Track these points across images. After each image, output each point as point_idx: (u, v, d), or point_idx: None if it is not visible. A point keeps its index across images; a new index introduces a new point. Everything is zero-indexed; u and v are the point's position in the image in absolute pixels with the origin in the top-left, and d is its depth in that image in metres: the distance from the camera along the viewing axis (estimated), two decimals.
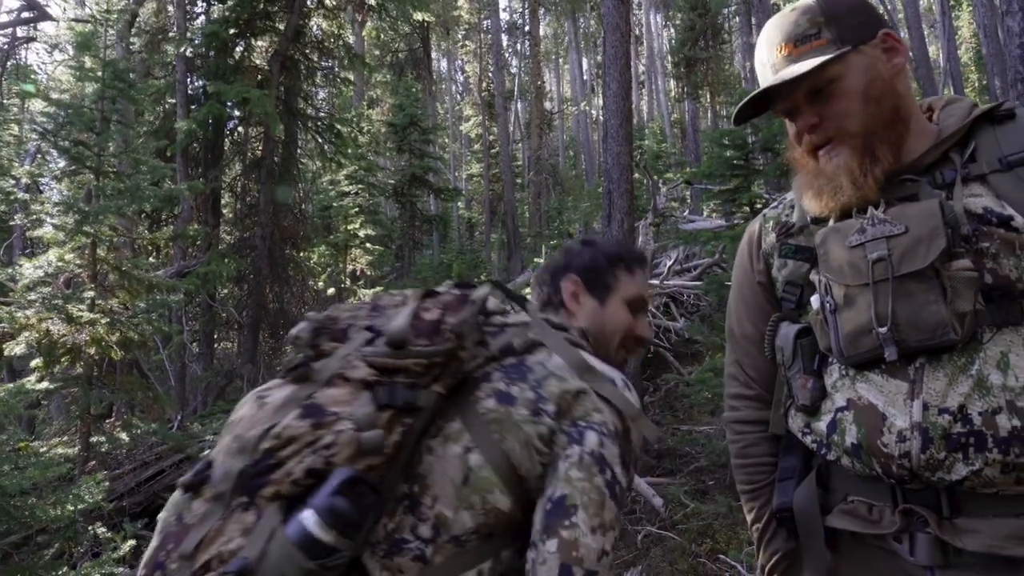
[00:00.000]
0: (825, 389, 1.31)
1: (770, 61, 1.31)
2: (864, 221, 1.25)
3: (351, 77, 13.50)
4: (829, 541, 1.34)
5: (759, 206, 5.54)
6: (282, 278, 11.25)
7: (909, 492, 1.21)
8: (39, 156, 12.63)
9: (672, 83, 21.21)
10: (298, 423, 1.03)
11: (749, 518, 1.52)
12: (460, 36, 30.08)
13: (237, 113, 10.67)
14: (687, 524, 4.68)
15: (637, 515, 5.01)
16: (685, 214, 14.58)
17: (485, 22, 26.31)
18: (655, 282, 9.65)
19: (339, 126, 11.73)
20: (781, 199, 1.54)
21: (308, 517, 0.95)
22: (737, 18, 20.39)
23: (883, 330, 1.17)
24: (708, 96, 18.18)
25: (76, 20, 10.55)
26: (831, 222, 1.33)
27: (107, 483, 4.40)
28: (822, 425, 1.30)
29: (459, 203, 26.46)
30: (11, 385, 5.87)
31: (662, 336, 8.67)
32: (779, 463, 1.44)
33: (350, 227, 11.91)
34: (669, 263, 10.35)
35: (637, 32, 28.66)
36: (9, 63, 13.64)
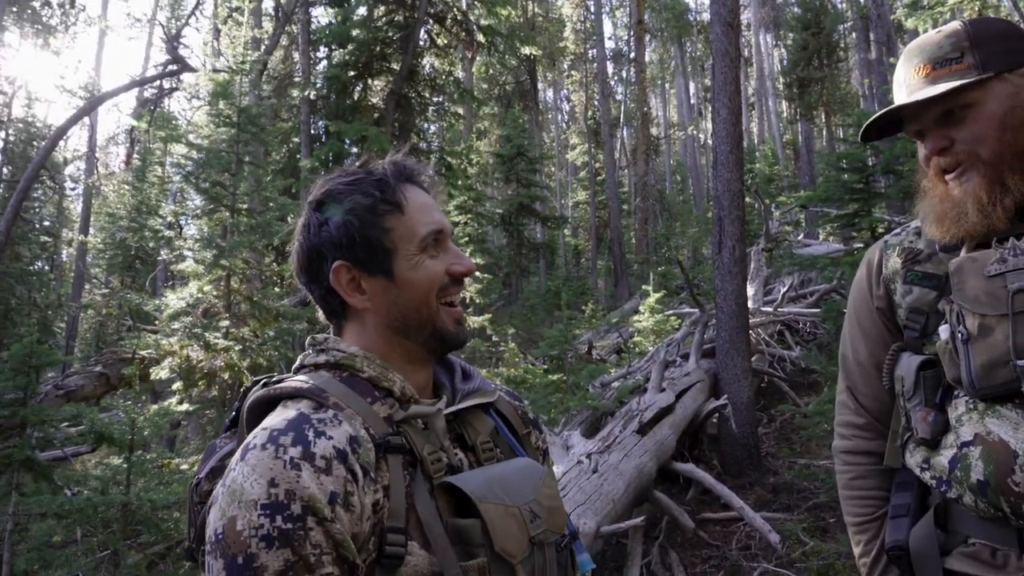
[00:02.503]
0: (948, 423, 1.26)
1: (907, 80, 1.30)
2: (1004, 251, 1.22)
3: (460, 111, 13.96)
4: None
5: (880, 231, 5.29)
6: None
7: None
8: (179, 196, 13.79)
9: (784, 104, 20.61)
10: None
11: (857, 551, 1.48)
12: (566, 66, 30.48)
13: (354, 150, 11.26)
14: (806, 563, 4.47)
15: (752, 551, 4.83)
16: (799, 238, 14.05)
17: (591, 51, 26.56)
18: (768, 310, 9.34)
19: (449, 158, 12.15)
20: (904, 226, 1.50)
21: None
22: (853, 35, 19.61)
23: (1021, 363, 1.13)
24: (823, 116, 17.51)
25: (215, 71, 11.53)
26: (963, 251, 1.29)
27: None
28: (943, 460, 1.25)
29: (565, 231, 26.62)
30: (156, 407, 6.42)
31: (776, 365, 8.36)
32: (892, 499, 1.40)
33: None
34: (783, 289, 9.99)
35: (746, 53, 28.08)
36: (156, 111, 15.03)
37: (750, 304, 8.25)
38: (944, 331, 1.27)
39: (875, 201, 5.45)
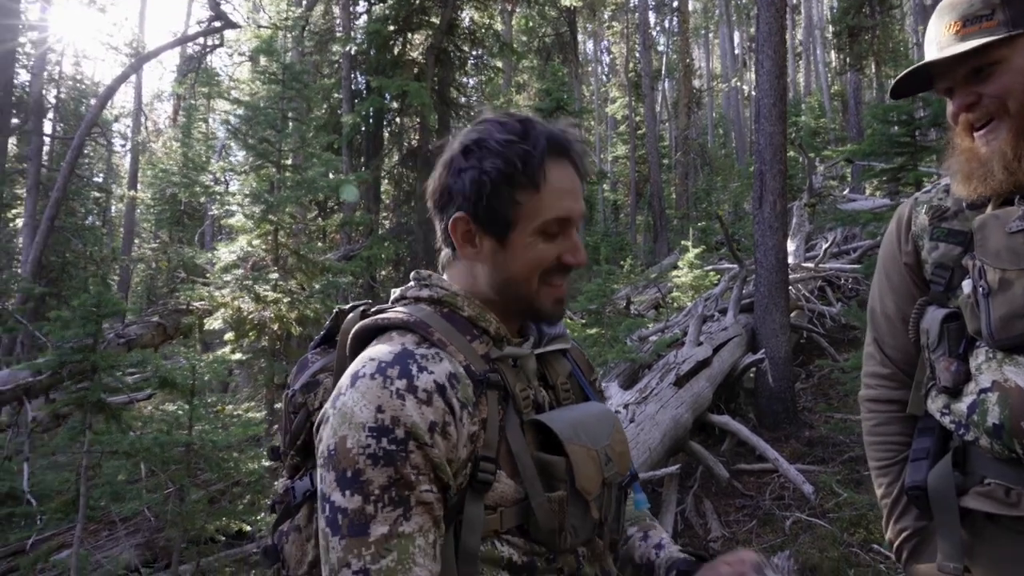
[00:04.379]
0: (969, 372, 1.33)
1: (936, 38, 1.33)
2: None
3: (500, 65, 13.85)
4: (963, 522, 1.36)
5: (927, 186, 5.16)
6: (436, 261, 11.83)
7: None
8: (224, 152, 14.04)
9: (832, 54, 19.92)
10: None
11: (879, 492, 1.55)
12: (606, 16, 29.81)
13: (395, 105, 11.31)
14: (838, 513, 4.57)
15: (786, 501, 4.95)
16: (844, 193, 13.73)
17: (632, 1, 25.92)
18: (808, 265, 9.26)
19: None
20: (936, 183, 1.54)
21: None
22: None
23: None
24: (873, 67, 16.90)
25: (258, 27, 11.62)
26: (989, 208, 1.34)
27: None
28: (963, 406, 1.32)
29: (604, 185, 26.39)
30: (211, 356, 6.72)
31: (816, 321, 8.34)
32: (913, 444, 1.47)
33: None
34: (826, 245, 9.87)
35: (794, 1, 27.08)
36: (200, 69, 15.21)
37: (790, 260, 8.20)
38: (967, 285, 1.32)
39: (922, 155, 5.34)
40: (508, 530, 1.02)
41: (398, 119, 12.08)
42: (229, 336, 7.36)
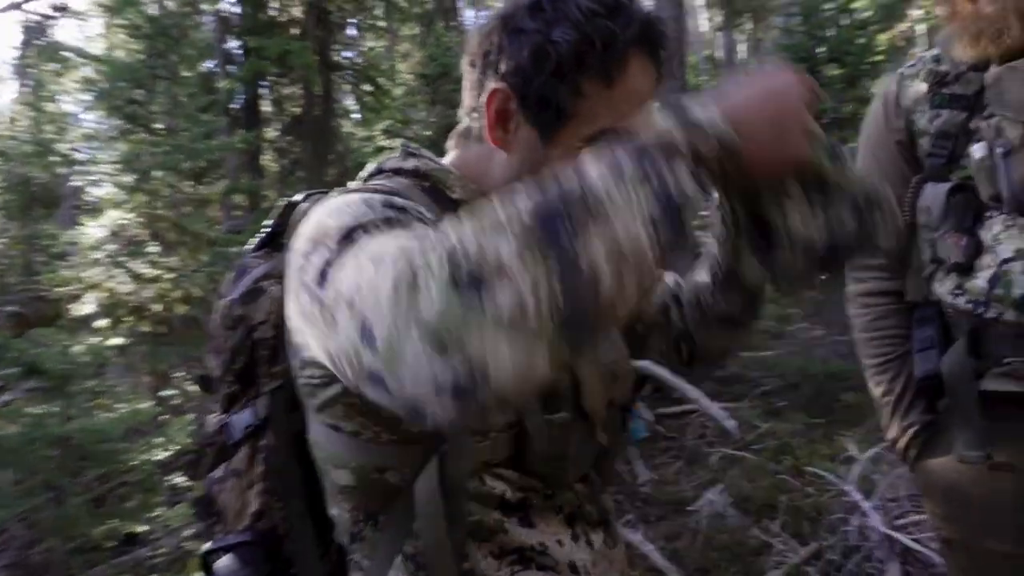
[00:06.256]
0: (981, 245, 1.25)
1: None
2: None
3: (384, 26, 13.36)
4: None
5: (827, 120, 5.36)
6: None
7: None
8: (78, 120, 12.75)
9: (705, 13, 20.51)
10: None
11: (878, 391, 1.48)
12: None
13: (275, 70, 10.64)
14: (763, 444, 4.66)
15: (708, 439, 5.00)
16: None
17: None
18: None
19: (375, 75, 11.67)
20: (919, 58, 1.47)
21: None
22: None
23: None
24: (751, 24, 17.56)
25: None
26: (992, 67, 1.26)
27: (192, 427, 4.52)
28: (980, 282, 1.25)
29: None
30: (84, 344, 6.06)
31: None
32: (915, 335, 1.40)
33: None
34: None
35: None
36: (43, 39, 13.79)
37: None
38: (979, 149, 1.25)
39: (824, 88, 5.51)
40: (499, 462, 0.85)
41: (278, 85, 11.39)
42: (102, 323, 6.66)
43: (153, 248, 6.21)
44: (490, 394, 0.53)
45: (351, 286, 0.60)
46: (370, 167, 0.96)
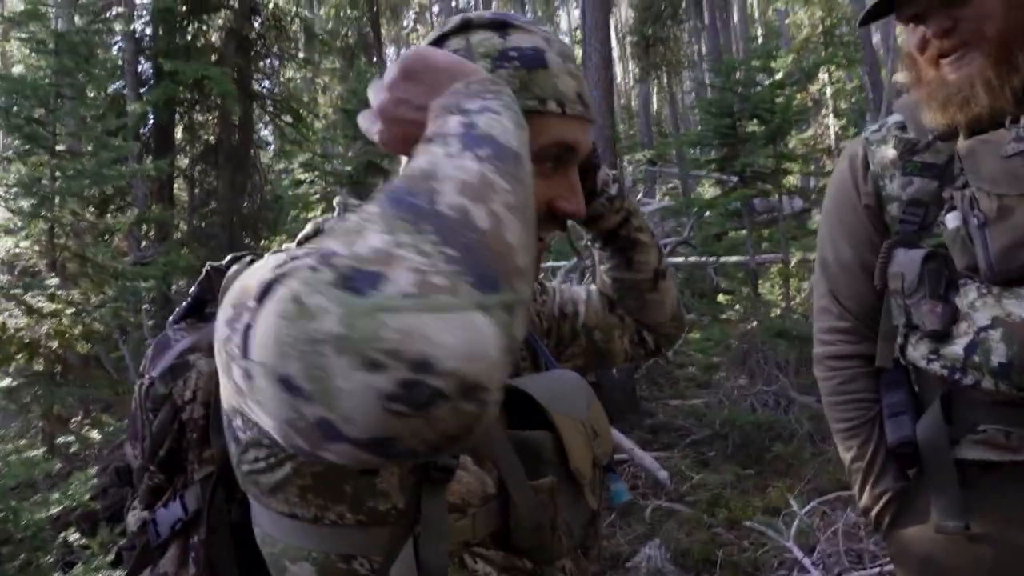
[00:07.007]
0: (957, 312, 1.24)
1: None
2: (1020, 130, 1.19)
3: (307, 57, 13.12)
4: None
5: (748, 173, 5.57)
6: None
7: None
8: None
9: (627, 64, 21.23)
10: None
11: (848, 456, 1.45)
12: (411, 21, 29.63)
13: (188, 95, 10.21)
14: (695, 496, 4.64)
15: (641, 490, 4.95)
16: (639, 197, 14.68)
17: (435, 6, 25.98)
18: None
19: (297, 107, 11.41)
20: (882, 122, 1.47)
21: None
22: None
23: None
24: (665, 77, 18.25)
25: None
26: (961, 138, 1.27)
27: (95, 481, 4.10)
28: (957, 349, 1.23)
29: None
30: None
31: None
32: (884, 400, 1.39)
33: (311, 215, 11.63)
34: None
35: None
36: None
37: None
38: (953, 219, 1.24)
39: (744, 144, 5.73)
40: (481, 541, 0.78)
41: (194, 111, 10.93)
42: None
43: (52, 280, 5.71)
44: (445, 381, 0.43)
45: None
46: (308, 227, 0.88)
